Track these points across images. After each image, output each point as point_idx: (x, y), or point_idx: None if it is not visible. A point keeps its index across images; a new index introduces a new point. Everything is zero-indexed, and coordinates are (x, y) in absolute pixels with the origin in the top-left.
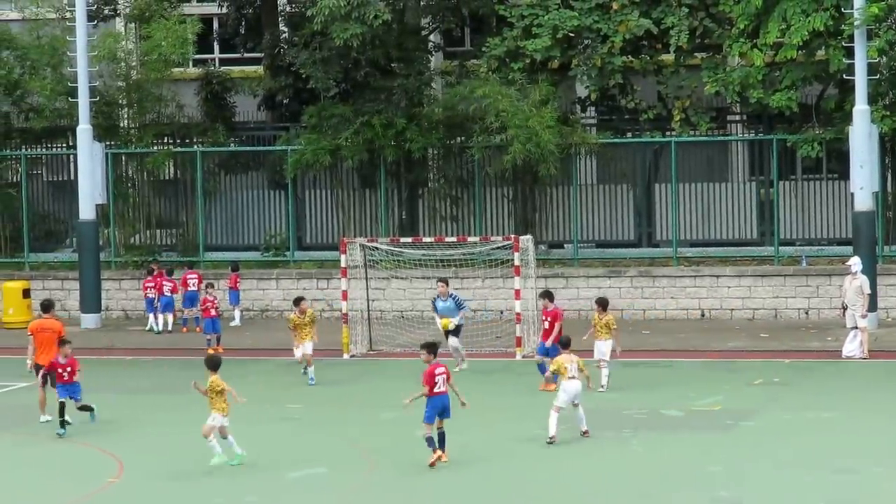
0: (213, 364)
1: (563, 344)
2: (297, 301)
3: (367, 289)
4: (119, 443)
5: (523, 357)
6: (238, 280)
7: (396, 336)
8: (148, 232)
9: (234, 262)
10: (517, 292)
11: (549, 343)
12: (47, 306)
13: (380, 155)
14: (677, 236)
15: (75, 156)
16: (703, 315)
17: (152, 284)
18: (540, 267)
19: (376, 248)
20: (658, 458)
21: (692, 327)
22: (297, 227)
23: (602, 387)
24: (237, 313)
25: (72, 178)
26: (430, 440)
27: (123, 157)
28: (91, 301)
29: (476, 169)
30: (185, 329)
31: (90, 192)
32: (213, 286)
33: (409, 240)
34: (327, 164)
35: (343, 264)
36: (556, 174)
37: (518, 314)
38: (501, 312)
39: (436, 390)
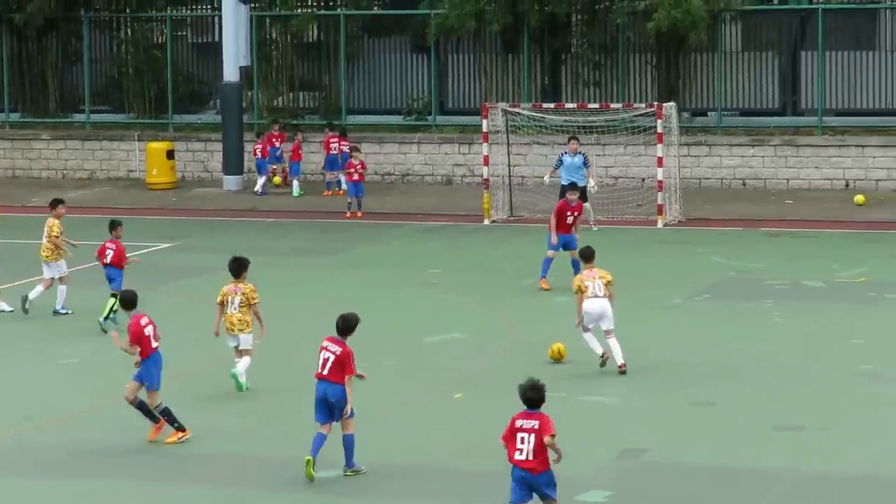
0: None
1: (585, 257)
2: (54, 204)
3: (509, 154)
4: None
5: (664, 225)
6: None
7: (537, 202)
8: (291, 94)
9: (329, 122)
10: (660, 160)
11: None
12: None
13: (523, 19)
14: (822, 105)
15: (220, 17)
16: (847, 185)
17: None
18: (683, 135)
19: (518, 114)
20: (799, 329)
21: (836, 198)
22: (439, 92)
23: None
24: (341, 177)
25: (216, 39)
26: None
27: (267, 20)
28: (233, 163)
29: (620, 34)
30: (327, 192)
31: (234, 55)
32: (357, 150)
33: (552, 105)
34: (471, 30)
35: (485, 129)
36: (702, 41)
37: (660, 182)
38: (643, 180)
39: None
